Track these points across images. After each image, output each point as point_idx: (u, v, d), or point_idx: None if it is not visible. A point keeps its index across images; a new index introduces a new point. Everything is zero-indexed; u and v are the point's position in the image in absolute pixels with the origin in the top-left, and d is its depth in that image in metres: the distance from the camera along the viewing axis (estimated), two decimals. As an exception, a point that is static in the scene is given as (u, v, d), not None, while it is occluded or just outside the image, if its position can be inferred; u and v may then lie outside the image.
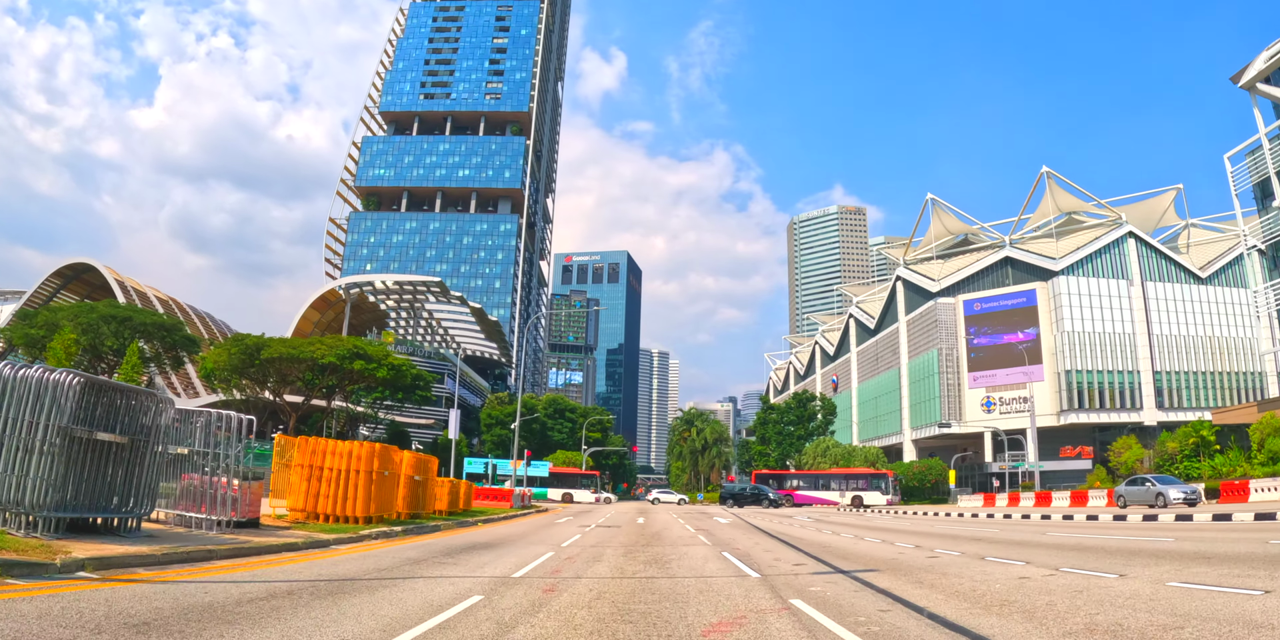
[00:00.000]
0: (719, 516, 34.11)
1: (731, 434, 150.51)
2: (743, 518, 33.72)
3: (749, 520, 30.59)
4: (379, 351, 50.12)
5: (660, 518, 32.30)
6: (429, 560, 12.32)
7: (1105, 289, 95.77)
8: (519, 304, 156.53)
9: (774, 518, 33.72)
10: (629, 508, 51.10)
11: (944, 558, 13.12)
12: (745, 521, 29.56)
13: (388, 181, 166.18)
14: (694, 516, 34.17)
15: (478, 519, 23.65)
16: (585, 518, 30.27)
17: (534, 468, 62.22)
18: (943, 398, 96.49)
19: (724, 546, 15.69)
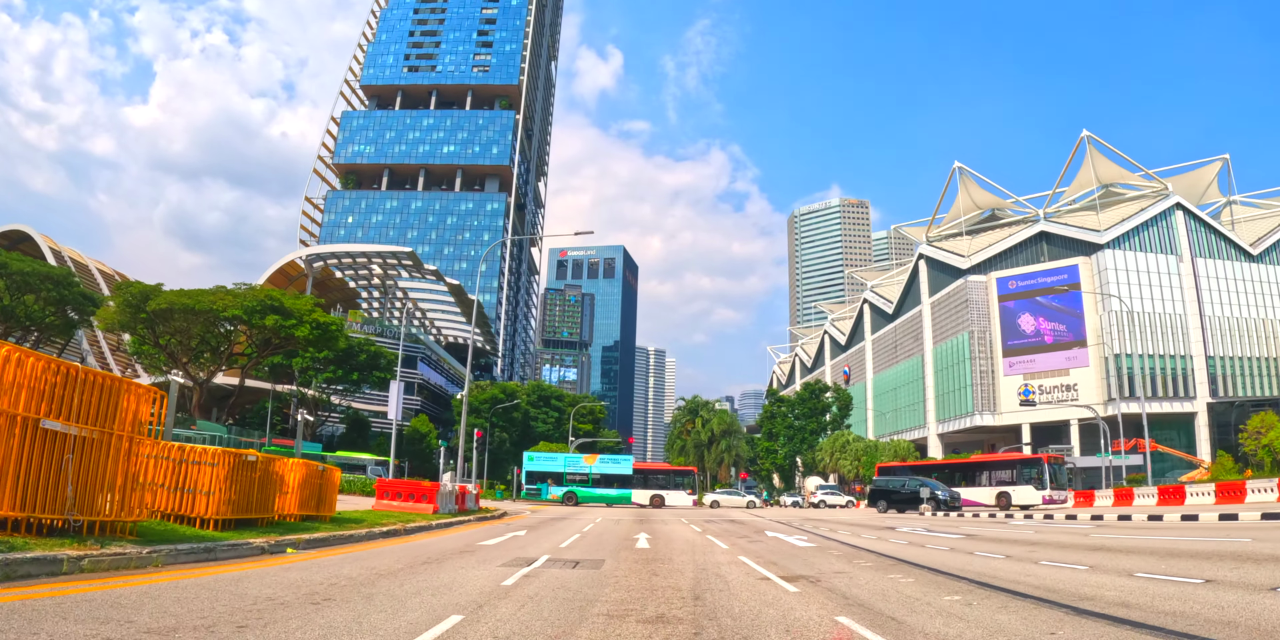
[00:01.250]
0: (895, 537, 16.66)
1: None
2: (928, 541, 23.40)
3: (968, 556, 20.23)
4: (300, 306, 39.90)
5: (774, 547, 13.42)
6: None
7: (1153, 265, 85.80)
8: (506, 289, 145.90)
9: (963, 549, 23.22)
10: (671, 516, 30.65)
11: None
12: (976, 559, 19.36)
13: (368, 158, 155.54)
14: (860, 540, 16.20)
15: (299, 536, 11.41)
16: (554, 537, 15.29)
17: (611, 464, 50.91)
18: (975, 386, 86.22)
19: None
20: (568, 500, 48.05)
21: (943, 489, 36.68)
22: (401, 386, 37.00)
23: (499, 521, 20.97)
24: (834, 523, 23.31)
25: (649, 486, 49.42)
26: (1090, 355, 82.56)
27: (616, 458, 53.20)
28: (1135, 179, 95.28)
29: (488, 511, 24.14)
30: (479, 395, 72.08)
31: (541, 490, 49.22)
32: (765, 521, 24.04)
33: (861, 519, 27.05)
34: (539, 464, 51.31)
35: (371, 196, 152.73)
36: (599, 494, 49.17)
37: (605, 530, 17.79)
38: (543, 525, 19.34)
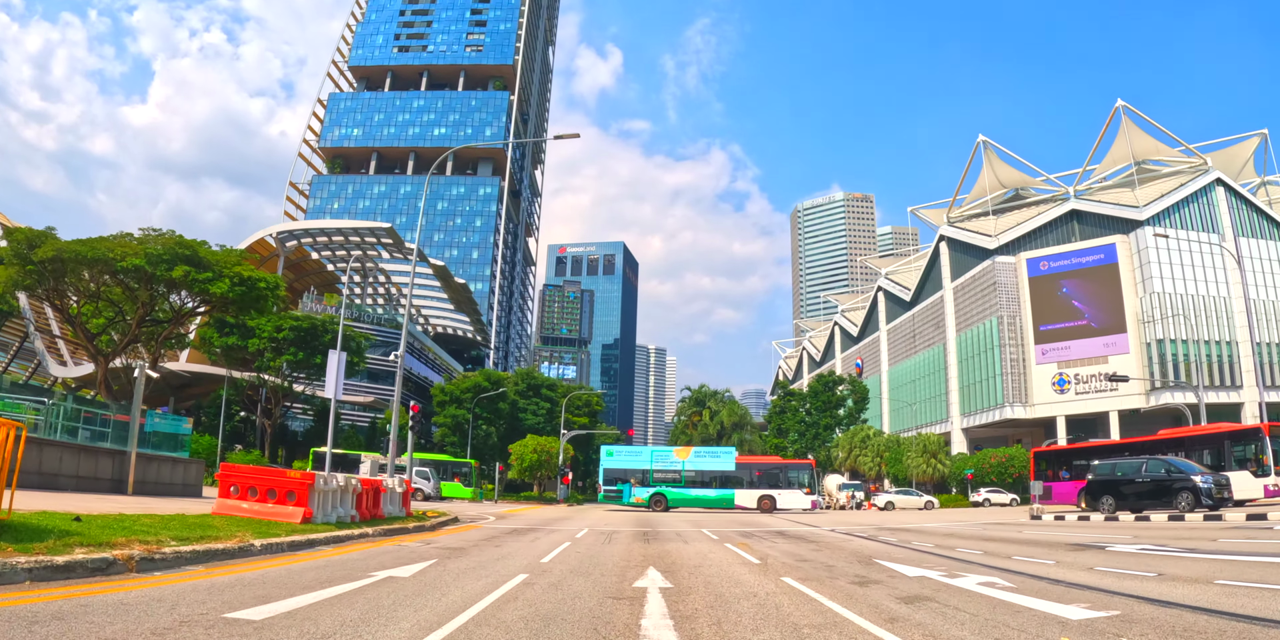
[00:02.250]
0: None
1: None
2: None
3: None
4: (222, 257, 32.97)
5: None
6: None
7: (1195, 244, 78.74)
8: (499, 277, 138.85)
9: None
10: (729, 524, 22.88)
11: None
12: None
13: (355, 142, 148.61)
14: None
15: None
16: (467, 583, 7.96)
17: (709, 459, 41.79)
18: (1005, 376, 79.17)
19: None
20: (655, 504, 39.74)
21: (1205, 477, 21.76)
22: (343, 358, 29.94)
23: (419, 537, 13.56)
24: (1045, 545, 12.68)
25: (755, 485, 40.18)
26: (1130, 341, 75.60)
27: (715, 451, 43.47)
28: (1171, 154, 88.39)
29: (420, 519, 16.94)
30: (461, 384, 65.04)
31: (623, 492, 40.83)
32: (875, 545, 13.45)
33: (1092, 537, 14.37)
34: (620, 460, 42.39)
35: (358, 181, 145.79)
36: (694, 496, 40.14)
37: (584, 560, 9.96)
38: (483, 547, 12.01)
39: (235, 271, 32.27)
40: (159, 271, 30.08)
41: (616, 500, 41.06)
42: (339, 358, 30.69)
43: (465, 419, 61.01)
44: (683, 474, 40.61)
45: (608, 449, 43.63)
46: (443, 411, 62.65)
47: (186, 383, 75.27)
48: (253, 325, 57.92)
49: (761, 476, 40.70)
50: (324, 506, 12.68)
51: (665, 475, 40.70)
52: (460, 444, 61.41)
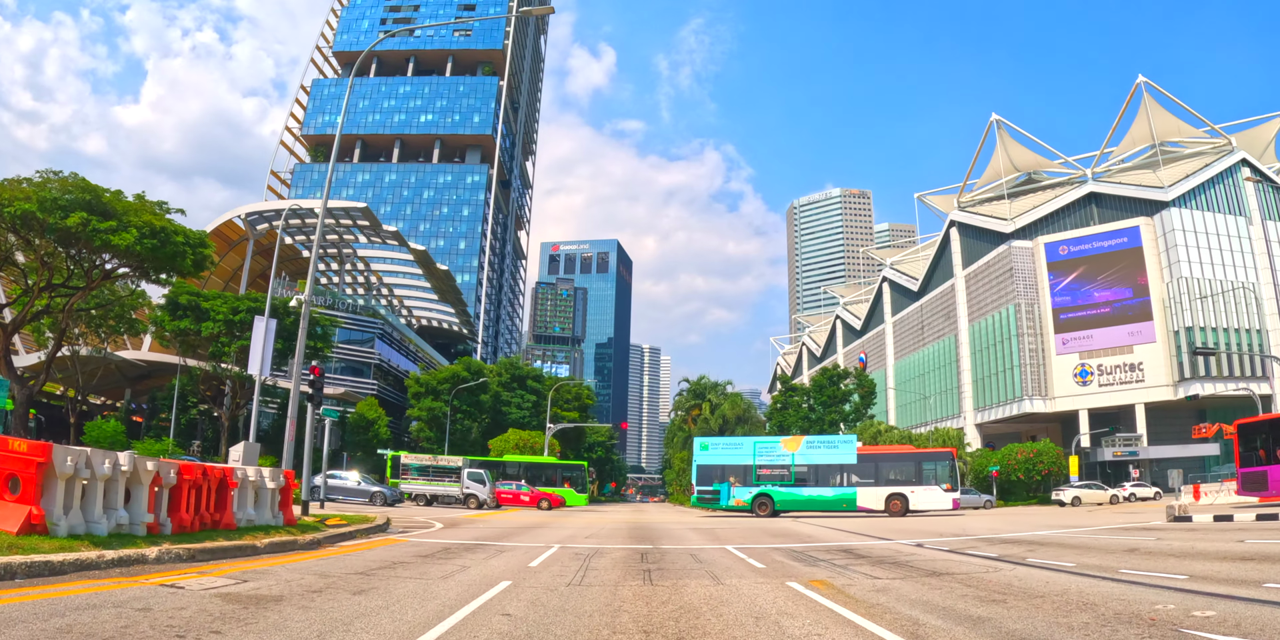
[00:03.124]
0: None
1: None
2: None
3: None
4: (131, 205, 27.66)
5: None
6: None
7: (1222, 227, 74.17)
8: (487, 269, 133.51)
9: None
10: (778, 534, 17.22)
11: None
12: None
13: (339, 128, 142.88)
14: None
15: None
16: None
17: (825, 450, 34.16)
18: (1023, 367, 74.28)
19: None
20: (759, 508, 33.09)
21: None
22: (272, 325, 24.95)
23: (251, 564, 8.01)
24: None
25: (882, 481, 32.69)
26: (1156, 329, 70.82)
27: (832, 440, 35.90)
28: (1193, 134, 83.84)
29: (304, 529, 11.61)
30: (437, 374, 59.77)
31: (720, 493, 34.26)
32: (1073, 581, 7.97)
33: None
34: (716, 455, 35.60)
35: (342, 169, 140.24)
36: (807, 497, 33.14)
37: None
38: (323, 597, 6.47)
39: (145, 221, 26.93)
40: (53, 220, 24.80)
41: (713, 503, 34.66)
42: (266, 326, 25.59)
43: (443, 412, 55.77)
44: (792, 469, 33.70)
45: (702, 442, 36.88)
46: (418, 404, 57.43)
47: (144, 373, 69.90)
48: (207, 307, 52.71)
49: (890, 470, 33.48)
50: (78, 505, 7.51)
51: (771, 472, 33.99)
52: (438, 440, 56.22)
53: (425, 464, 43.00)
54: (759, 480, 33.83)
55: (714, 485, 34.42)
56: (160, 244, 27.44)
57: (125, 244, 25.88)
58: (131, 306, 59.61)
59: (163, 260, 28.83)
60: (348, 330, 74.31)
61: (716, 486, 34.32)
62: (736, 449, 35.88)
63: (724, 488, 34.12)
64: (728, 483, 34.25)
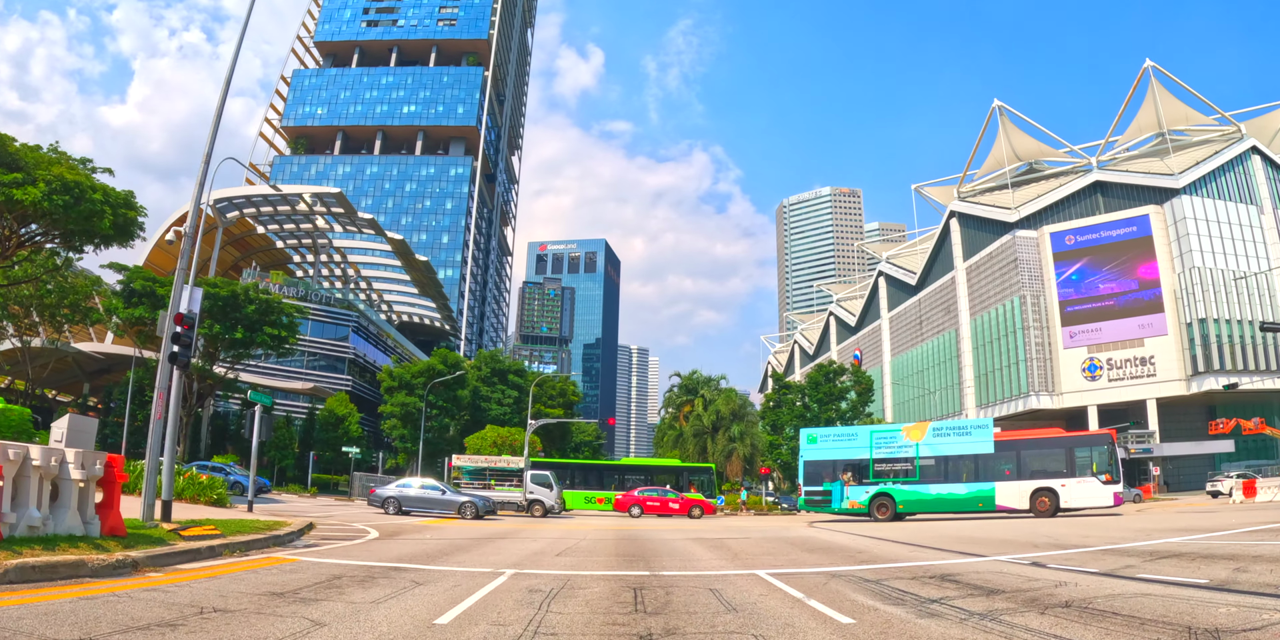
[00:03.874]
0: None
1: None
2: None
3: None
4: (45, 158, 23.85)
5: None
6: None
7: (1233, 216, 71.42)
8: (471, 264, 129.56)
9: None
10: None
11: None
12: None
13: (320, 120, 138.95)
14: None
15: None
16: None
17: (956, 437, 28.42)
18: (1029, 362, 71.21)
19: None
20: (878, 510, 28.19)
21: None
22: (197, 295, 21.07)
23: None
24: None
25: (1026, 473, 26.96)
26: (1168, 321, 67.88)
27: (964, 426, 29.95)
28: (1201, 121, 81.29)
29: (136, 540, 8.01)
30: (411, 367, 55.96)
31: (832, 494, 29.44)
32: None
33: None
34: (825, 448, 30.79)
35: (323, 162, 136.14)
36: (935, 496, 27.83)
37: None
38: None
39: (56, 174, 23.11)
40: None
41: (823, 506, 29.78)
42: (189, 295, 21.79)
43: (417, 408, 52.03)
44: (917, 462, 28.60)
45: (809, 434, 31.92)
46: (391, 398, 53.63)
47: (104, 367, 65.84)
48: (163, 294, 48.76)
49: (1035, 459, 27.63)
50: None
51: (892, 466, 29.02)
52: (412, 438, 52.45)
53: (481, 466, 38.35)
54: (877, 477, 28.95)
55: (824, 485, 29.73)
56: (74, 201, 23.58)
57: (31, 200, 22.10)
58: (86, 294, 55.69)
59: (76, 219, 24.91)
60: (321, 323, 70.49)
61: (827, 486, 29.61)
62: (850, 441, 30.89)
63: (836, 487, 29.37)
64: (840, 481, 29.39)
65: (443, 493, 27.07)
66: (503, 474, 37.03)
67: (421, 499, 26.56)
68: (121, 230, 27.66)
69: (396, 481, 28.13)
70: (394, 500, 26.19)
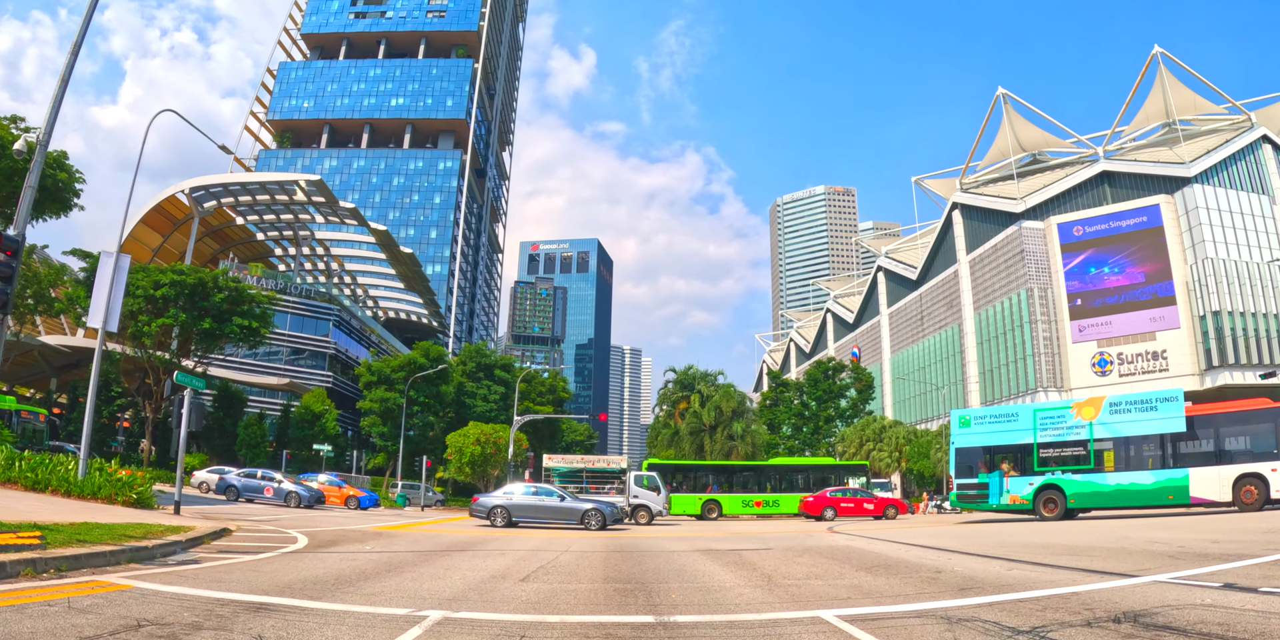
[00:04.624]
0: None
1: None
2: None
3: None
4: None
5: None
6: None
7: (1245, 205, 69.19)
8: (460, 259, 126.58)
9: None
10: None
11: None
12: None
13: (307, 113, 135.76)
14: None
15: None
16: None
17: (1140, 413, 22.92)
18: (1036, 357, 68.79)
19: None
20: (1045, 505, 23.33)
21: None
22: (124, 264, 18.41)
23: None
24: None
25: (1226, 457, 21.60)
26: (1180, 314, 65.54)
27: (1146, 399, 23.71)
28: (1210, 109, 79.04)
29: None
30: (391, 361, 53.06)
31: (990, 487, 24.50)
32: None
33: None
34: (981, 432, 25.62)
35: (309, 155, 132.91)
36: (1116, 487, 22.51)
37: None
38: None
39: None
40: None
41: (979, 502, 24.93)
42: (115, 264, 19.09)
43: (397, 404, 49.19)
44: (1090, 446, 23.21)
45: (961, 416, 26.78)
46: (370, 394, 50.74)
47: (72, 362, 62.79)
48: (130, 282, 45.91)
49: (1236, 438, 21.87)
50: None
51: (1060, 452, 23.70)
52: (392, 436, 49.59)
53: (576, 467, 35.16)
54: (1042, 466, 23.80)
55: (979, 477, 24.84)
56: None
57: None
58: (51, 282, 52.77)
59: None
60: (300, 317, 67.56)
61: (983, 478, 24.72)
62: (1009, 423, 25.31)
63: (994, 479, 24.44)
64: (998, 472, 24.48)
65: (560, 499, 22.60)
66: (601, 475, 33.81)
67: (535, 507, 22.23)
68: (53, 195, 24.82)
69: (504, 487, 23.96)
70: (501, 510, 21.93)
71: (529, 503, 22.33)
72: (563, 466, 35.50)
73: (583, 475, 34.68)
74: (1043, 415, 24.69)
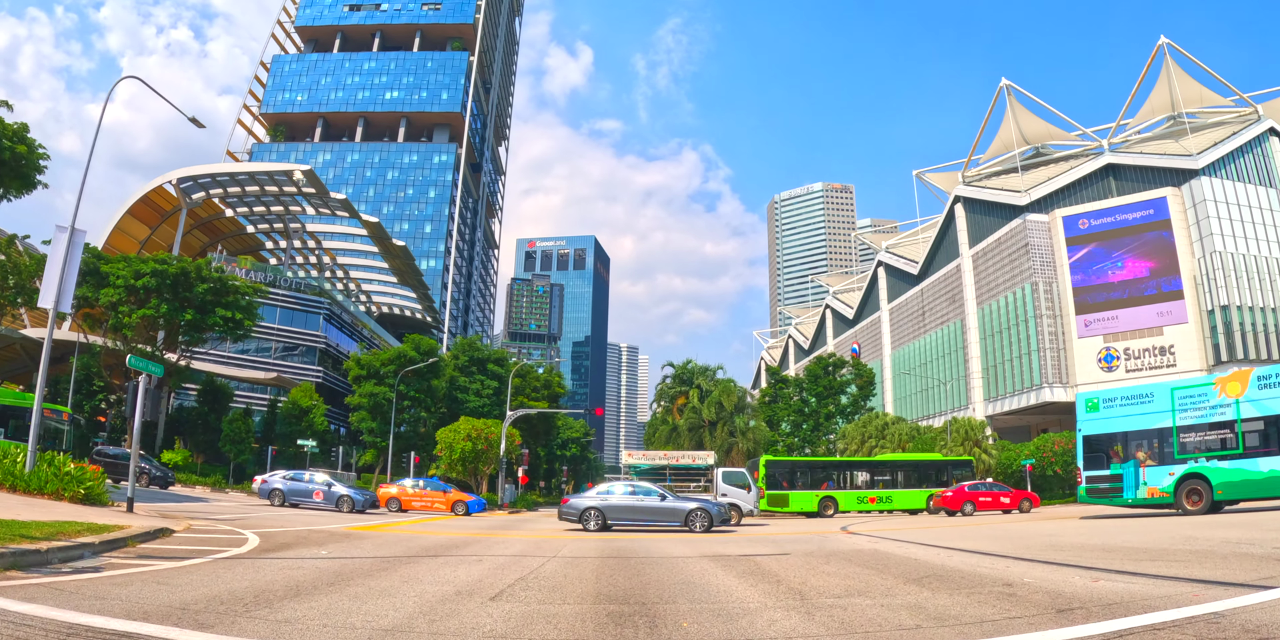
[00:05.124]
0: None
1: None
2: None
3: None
4: None
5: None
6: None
7: (1254, 199, 68.01)
8: (454, 253, 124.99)
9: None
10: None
11: None
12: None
13: (300, 107, 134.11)
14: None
15: None
16: None
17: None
18: (1041, 352, 67.51)
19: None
20: (1188, 498, 20.36)
21: None
22: (79, 241, 16.92)
23: None
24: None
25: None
26: (1188, 309, 64.27)
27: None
28: (1214, 103, 77.82)
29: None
30: (380, 354, 51.58)
31: (1123, 479, 21.77)
32: None
33: None
34: (1112, 417, 22.61)
35: (302, 149, 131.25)
36: (1269, 475, 19.03)
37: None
38: None
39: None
40: None
41: (1111, 498, 22.09)
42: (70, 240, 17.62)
43: (387, 399, 47.71)
44: (1239, 428, 19.71)
45: (1089, 399, 23.90)
46: (359, 388, 49.25)
47: (55, 355, 61.24)
48: (107, 271, 44.38)
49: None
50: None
51: (1203, 436, 20.44)
52: (381, 431, 48.15)
53: (659, 463, 33.39)
54: (1183, 453, 20.57)
55: (1111, 468, 22.00)
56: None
57: None
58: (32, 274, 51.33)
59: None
60: (290, 310, 66.06)
61: (1116, 469, 21.84)
62: (1144, 405, 21.89)
63: (1129, 470, 21.43)
64: (1133, 461, 21.58)
65: (661, 498, 20.29)
66: (686, 472, 31.97)
67: (633, 508, 20.09)
68: (12, 170, 23.34)
69: (597, 487, 21.93)
70: (595, 512, 19.92)
71: (625, 503, 20.25)
72: (644, 463, 33.73)
73: (665, 472, 32.93)
74: (1181, 394, 21.47)
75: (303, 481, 28.04)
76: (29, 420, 28.66)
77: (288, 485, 27.72)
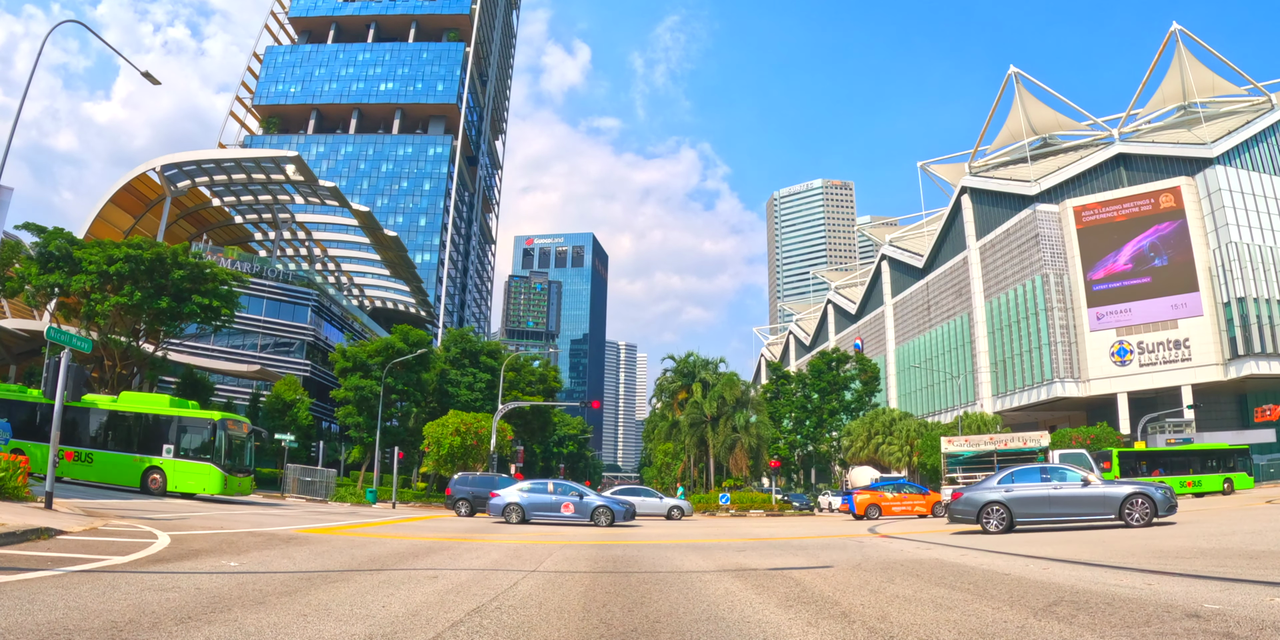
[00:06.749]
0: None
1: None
2: None
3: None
4: None
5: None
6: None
7: (1269, 188, 66.12)
8: (449, 247, 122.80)
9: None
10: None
11: None
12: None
13: (294, 98, 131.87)
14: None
15: None
16: None
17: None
18: (1053, 346, 65.56)
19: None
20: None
21: None
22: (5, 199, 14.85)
23: None
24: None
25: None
26: (1203, 301, 62.36)
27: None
28: (1226, 91, 75.96)
29: None
30: (367, 346, 49.49)
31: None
32: None
33: None
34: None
35: (295, 141, 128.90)
36: None
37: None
38: None
39: None
40: None
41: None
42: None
43: (374, 392, 45.66)
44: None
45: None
46: (346, 381, 47.18)
47: (33, 348, 59.13)
48: (80, 257, 42.29)
49: None
50: None
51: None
52: (368, 426, 46.10)
53: (985, 449, 29.75)
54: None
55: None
56: None
57: None
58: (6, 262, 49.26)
59: None
60: (277, 302, 64.00)
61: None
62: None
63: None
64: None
65: (1084, 484, 15.07)
66: (1015, 458, 28.46)
67: (1048, 499, 15.02)
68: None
69: (1001, 472, 16.36)
70: (997, 508, 15.29)
71: (1041, 494, 15.11)
72: (966, 450, 30.74)
73: (993, 458, 29.92)
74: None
75: (545, 493, 23.55)
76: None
77: (526, 499, 23.11)
